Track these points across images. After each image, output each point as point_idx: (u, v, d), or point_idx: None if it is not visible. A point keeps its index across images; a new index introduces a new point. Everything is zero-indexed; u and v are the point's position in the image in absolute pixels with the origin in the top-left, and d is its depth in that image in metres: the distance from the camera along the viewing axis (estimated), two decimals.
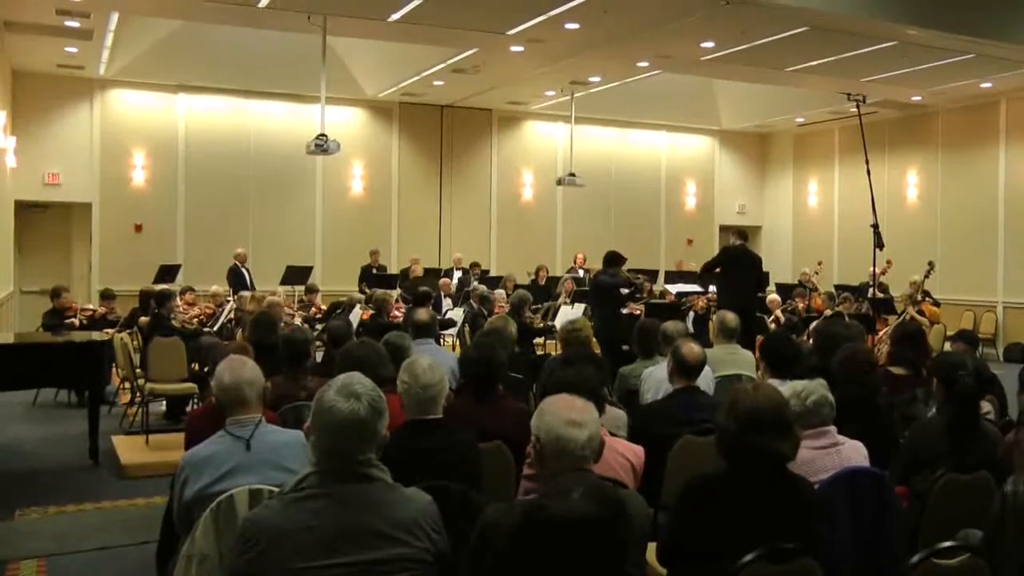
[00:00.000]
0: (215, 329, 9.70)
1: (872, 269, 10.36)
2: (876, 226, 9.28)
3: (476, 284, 12.56)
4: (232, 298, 10.84)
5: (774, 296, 12.06)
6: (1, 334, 9.96)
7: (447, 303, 12.21)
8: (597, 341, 9.05)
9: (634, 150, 18.15)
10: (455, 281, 13.78)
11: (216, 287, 11.45)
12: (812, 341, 5.88)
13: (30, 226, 14.08)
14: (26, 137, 13.10)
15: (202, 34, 12.77)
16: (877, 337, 9.64)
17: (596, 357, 5.28)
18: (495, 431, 3.84)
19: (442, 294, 12.51)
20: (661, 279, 14.43)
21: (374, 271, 14.40)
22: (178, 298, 10.06)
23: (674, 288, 12.55)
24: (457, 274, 14.32)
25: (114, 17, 10.98)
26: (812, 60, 12.16)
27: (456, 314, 11.22)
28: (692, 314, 11.60)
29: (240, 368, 3.22)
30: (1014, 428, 3.98)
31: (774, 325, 10.91)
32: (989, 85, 13.75)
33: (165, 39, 12.78)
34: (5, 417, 8.59)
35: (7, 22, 11.08)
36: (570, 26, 10.50)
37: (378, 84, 14.92)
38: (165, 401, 8.33)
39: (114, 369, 8.84)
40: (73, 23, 10.85)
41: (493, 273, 14.98)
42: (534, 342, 10.31)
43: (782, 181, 19.19)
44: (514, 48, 11.67)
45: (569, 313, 10.62)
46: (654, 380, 5.07)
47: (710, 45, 11.47)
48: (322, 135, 11.58)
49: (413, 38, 11.54)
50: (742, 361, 5.88)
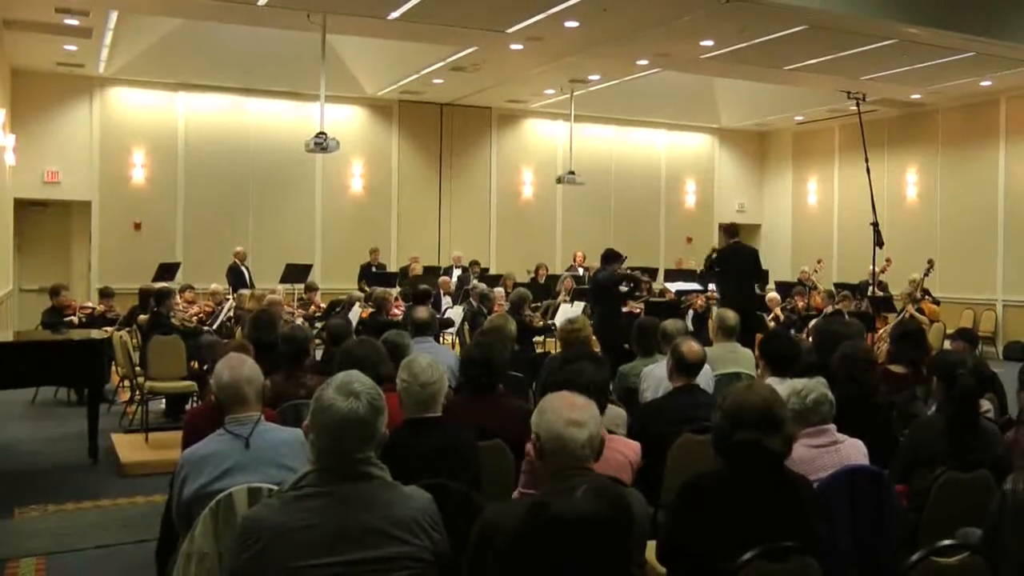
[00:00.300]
0: (214, 327, 9.70)
1: (872, 267, 10.37)
2: (876, 224, 9.29)
3: (476, 282, 12.55)
4: (231, 296, 10.85)
5: (774, 294, 12.06)
6: (0, 332, 9.96)
7: (446, 301, 12.20)
8: (597, 340, 9.07)
9: (634, 148, 18.15)
10: (455, 279, 13.77)
11: (215, 285, 11.47)
12: (811, 339, 5.87)
13: (29, 224, 14.07)
14: (26, 135, 13.09)
15: (202, 32, 12.76)
16: (877, 335, 9.64)
17: (596, 356, 5.26)
18: (495, 429, 3.84)
19: (441, 292, 12.51)
20: (661, 277, 14.43)
21: (373, 269, 14.40)
22: (177, 296, 10.05)
23: (673, 286, 12.54)
24: (457, 272, 14.31)
25: (113, 15, 10.97)
26: (811, 58, 12.16)
27: (455, 312, 11.21)
28: (691, 312, 11.60)
29: (239, 366, 3.21)
30: (1014, 427, 3.99)
31: (774, 323, 10.90)
32: (989, 83, 13.75)
33: (164, 37, 12.76)
34: (4, 415, 8.59)
35: (6, 20, 11.07)
36: (570, 24, 10.50)
37: (378, 82, 14.91)
38: (164, 399, 8.33)
39: (113, 367, 8.84)
40: (72, 21, 10.85)
41: (493, 271, 14.98)
42: (533, 340, 10.31)
43: (781, 179, 19.19)
44: (514, 46, 11.67)
45: (569, 311, 10.62)
46: (654, 378, 5.07)
47: (709, 43, 11.47)
48: (321, 133, 11.57)
49: (413, 36, 11.53)
50: (742, 359, 5.88)
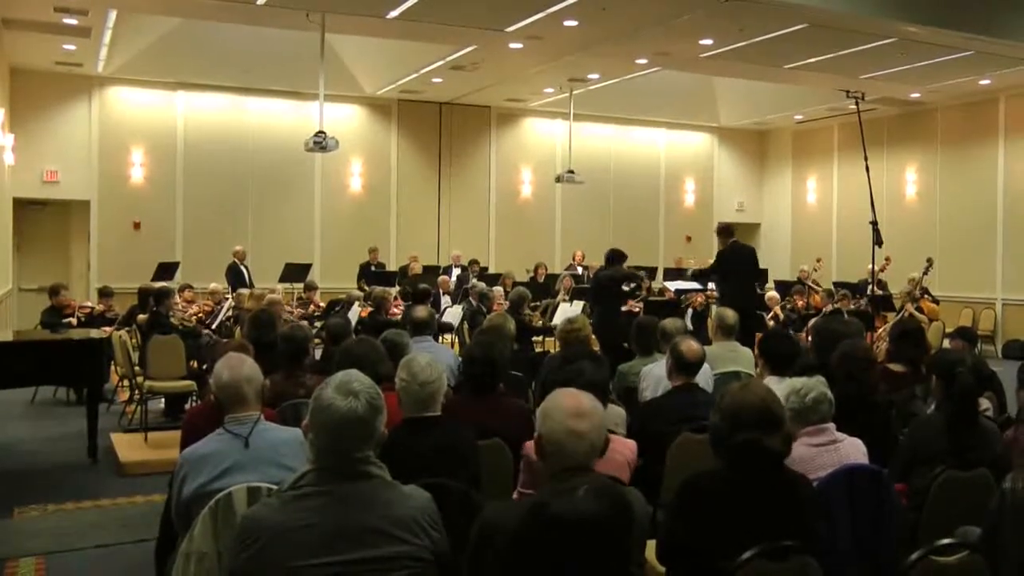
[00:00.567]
0: (214, 327, 9.70)
1: (871, 266, 10.37)
2: (875, 223, 9.29)
3: (475, 281, 12.54)
4: (231, 296, 10.84)
5: (773, 294, 12.06)
6: (0, 332, 9.95)
7: (446, 300, 12.20)
8: (597, 338, 9.05)
9: (633, 147, 18.15)
10: (454, 278, 13.77)
11: (215, 284, 11.47)
12: (811, 338, 5.87)
13: (29, 224, 14.06)
14: (24, 135, 13.08)
15: (201, 32, 12.75)
16: (876, 334, 9.64)
17: (595, 355, 5.26)
18: (496, 429, 3.84)
19: (441, 291, 12.50)
20: (660, 276, 14.43)
21: (373, 268, 14.40)
22: (177, 296, 10.05)
23: (673, 285, 12.52)
24: (456, 271, 14.31)
25: (112, 14, 10.96)
26: (811, 57, 12.16)
27: (454, 312, 11.21)
28: (691, 311, 11.60)
29: (239, 366, 3.20)
30: (1013, 425, 3.99)
31: (773, 322, 10.90)
32: (988, 82, 13.74)
33: (163, 36, 12.75)
34: (4, 415, 8.58)
35: (5, 19, 11.06)
36: (569, 23, 10.50)
37: (377, 81, 14.90)
38: (164, 399, 8.33)
39: (113, 367, 8.83)
40: (71, 20, 10.84)
41: (492, 270, 14.99)
42: (533, 340, 10.31)
43: (781, 178, 19.19)
44: (513, 45, 11.66)
45: (568, 311, 10.62)
46: (653, 378, 5.07)
47: (709, 42, 11.46)
48: (321, 132, 11.57)
49: (412, 35, 11.52)
50: (741, 358, 5.88)
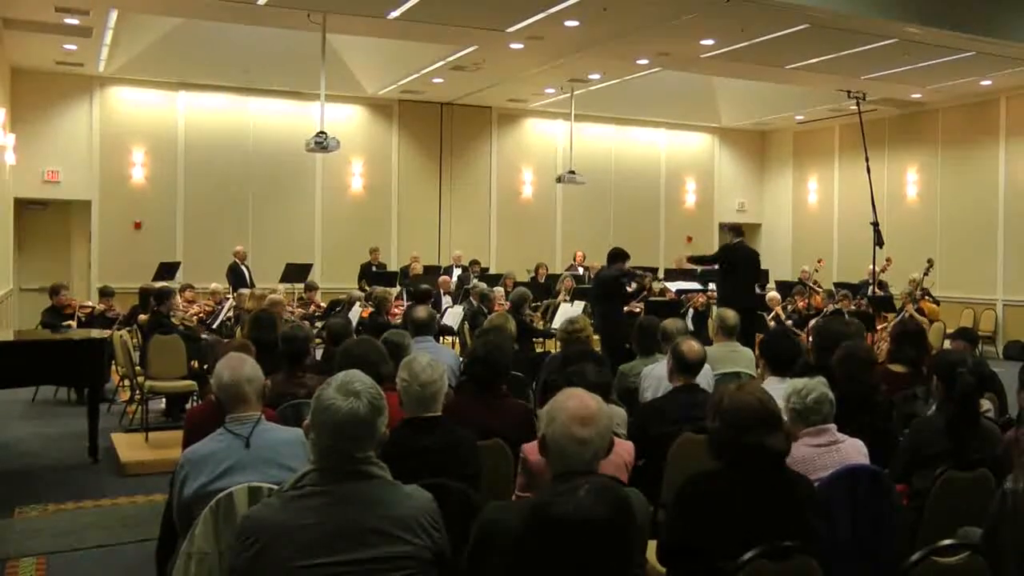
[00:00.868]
0: (214, 327, 9.70)
1: (872, 267, 10.39)
2: (876, 224, 9.31)
3: (476, 281, 12.53)
4: (231, 296, 10.85)
5: (774, 294, 12.06)
6: (0, 332, 9.96)
7: (447, 301, 12.19)
8: (600, 339, 9.05)
9: (634, 147, 18.14)
10: (455, 279, 13.76)
11: (215, 284, 11.49)
12: (811, 339, 5.88)
13: (29, 224, 14.07)
14: (25, 134, 13.08)
15: (202, 31, 12.76)
16: (877, 335, 9.64)
17: (596, 356, 5.27)
18: (498, 429, 3.84)
19: (441, 292, 12.50)
20: (661, 277, 14.42)
21: (374, 269, 14.40)
22: (178, 296, 10.05)
23: (674, 285, 12.53)
24: (457, 271, 14.30)
25: (113, 14, 10.96)
26: (812, 57, 12.16)
27: (455, 312, 11.20)
28: (692, 312, 11.60)
29: (240, 366, 3.20)
30: (1014, 426, 3.98)
31: (774, 323, 10.90)
32: (989, 83, 13.74)
33: (165, 36, 12.76)
34: (4, 415, 8.59)
35: (6, 19, 11.06)
36: (570, 23, 10.50)
37: (378, 81, 14.90)
38: (164, 399, 8.33)
39: (113, 367, 8.84)
40: (72, 20, 10.84)
41: (493, 271, 14.98)
42: (533, 340, 10.30)
43: (782, 179, 19.18)
44: (514, 45, 11.66)
45: (569, 311, 10.61)
46: (654, 378, 5.07)
47: (710, 43, 11.46)
48: (322, 132, 11.57)
49: (413, 35, 11.53)
50: (742, 359, 5.88)
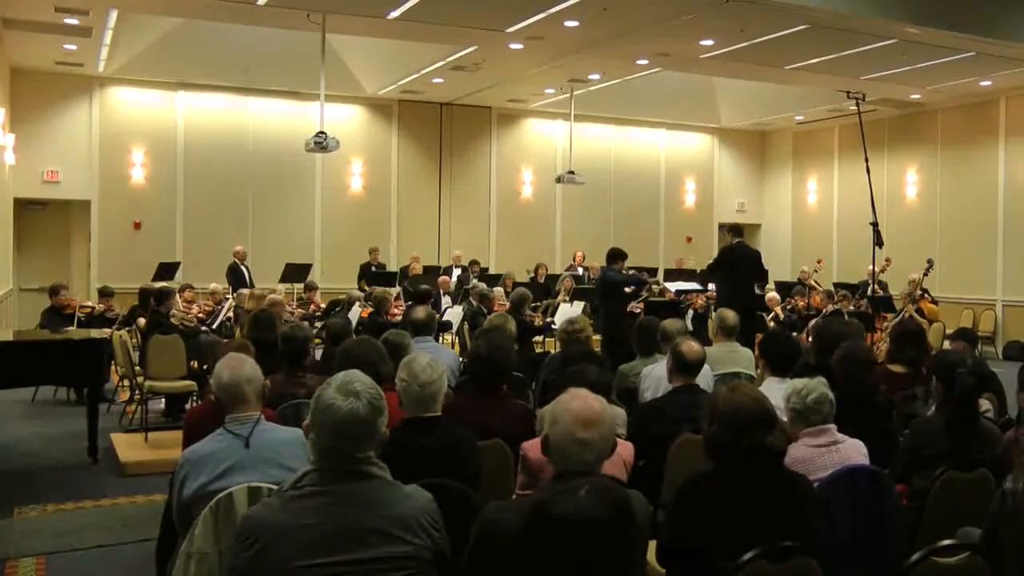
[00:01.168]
0: (214, 327, 9.70)
1: (871, 267, 10.38)
2: (875, 224, 9.30)
3: (475, 282, 12.54)
4: (231, 296, 10.85)
5: (773, 294, 12.05)
6: (0, 331, 9.96)
7: (446, 301, 12.19)
8: (602, 338, 9.05)
9: (633, 148, 18.14)
10: (454, 279, 13.77)
11: (215, 285, 11.48)
12: (811, 339, 5.88)
13: (29, 224, 14.07)
14: (25, 134, 13.07)
15: (201, 31, 12.75)
16: (876, 335, 9.64)
17: (596, 356, 5.27)
18: (498, 429, 3.84)
19: (441, 292, 12.50)
20: (660, 277, 14.42)
21: (373, 269, 14.40)
22: (177, 296, 10.05)
23: (673, 286, 12.53)
24: (456, 272, 14.30)
25: (113, 14, 10.95)
26: (812, 58, 12.16)
27: (455, 312, 11.21)
28: (691, 312, 11.59)
29: (239, 366, 3.20)
30: (1013, 426, 3.98)
31: (773, 323, 10.89)
32: (989, 83, 13.74)
33: (164, 36, 12.76)
34: (4, 415, 8.59)
35: (6, 19, 11.06)
36: (570, 24, 10.50)
37: (377, 82, 14.90)
38: (164, 399, 8.33)
39: (113, 367, 8.84)
40: (72, 20, 10.84)
41: (492, 271, 14.98)
42: (533, 340, 10.31)
43: (781, 179, 19.18)
44: (514, 45, 11.66)
45: (568, 311, 10.62)
46: (653, 378, 5.07)
47: (710, 43, 11.46)
48: (321, 132, 11.57)
49: (412, 35, 11.52)
50: (741, 359, 5.89)
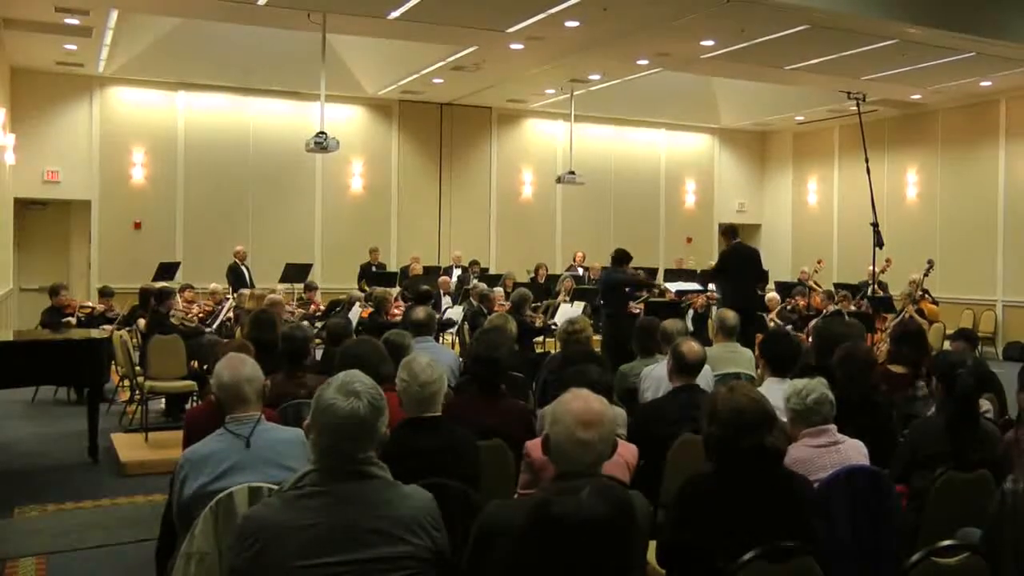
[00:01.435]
0: (214, 327, 9.70)
1: (872, 267, 10.38)
2: (876, 224, 9.30)
3: (476, 282, 12.53)
4: (231, 296, 10.85)
5: (773, 295, 12.05)
6: (0, 332, 9.96)
7: (446, 301, 12.20)
8: (603, 339, 9.06)
9: (634, 148, 18.14)
10: (454, 279, 13.77)
11: (215, 285, 11.48)
12: (811, 340, 5.88)
13: (29, 223, 14.06)
14: (25, 134, 13.07)
15: (202, 31, 12.76)
16: (876, 336, 9.64)
17: (596, 356, 5.27)
18: (498, 429, 3.84)
19: (441, 292, 12.50)
20: (661, 277, 14.43)
21: (373, 269, 14.40)
22: (177, 296, 10.05)
23: (673, 286, 12.53)
24: (456, 272, 14.31)
25: (113, 14, 10.95)
26: (812, 58, 12.16)
27: (455, 312, 11.22)
28: (692, 312, 11.59)
29: (239, 366, 3.21)
30: (1014, 427, 3.99)
31: (773, 324, 10.90)
32: (989, 84, 13.74)
33: (165, 36, 12.76)
34: (4, 415, 8.59)
35: (6, 19, 11.06)
36: (570, 24, 10.49)
37: (378, 82, 14.90)
38: (164, 399, 8.33)
39: (113, 367, 8.83)
40: (72, 20, 10.84)
41: (492, 271, 14.98)
42: (534, 340, 10.31)
43: (782, 179, 19.18)
44: (514, 46, 11.66)
45: (568, 311, 10.62)
46: (653, 379, 5.07)
47: (710, 43, 11.46)
48: (322, 133, 11.57)
49: (413, 36, 11.52)
50: (741, 359, 5.89)
